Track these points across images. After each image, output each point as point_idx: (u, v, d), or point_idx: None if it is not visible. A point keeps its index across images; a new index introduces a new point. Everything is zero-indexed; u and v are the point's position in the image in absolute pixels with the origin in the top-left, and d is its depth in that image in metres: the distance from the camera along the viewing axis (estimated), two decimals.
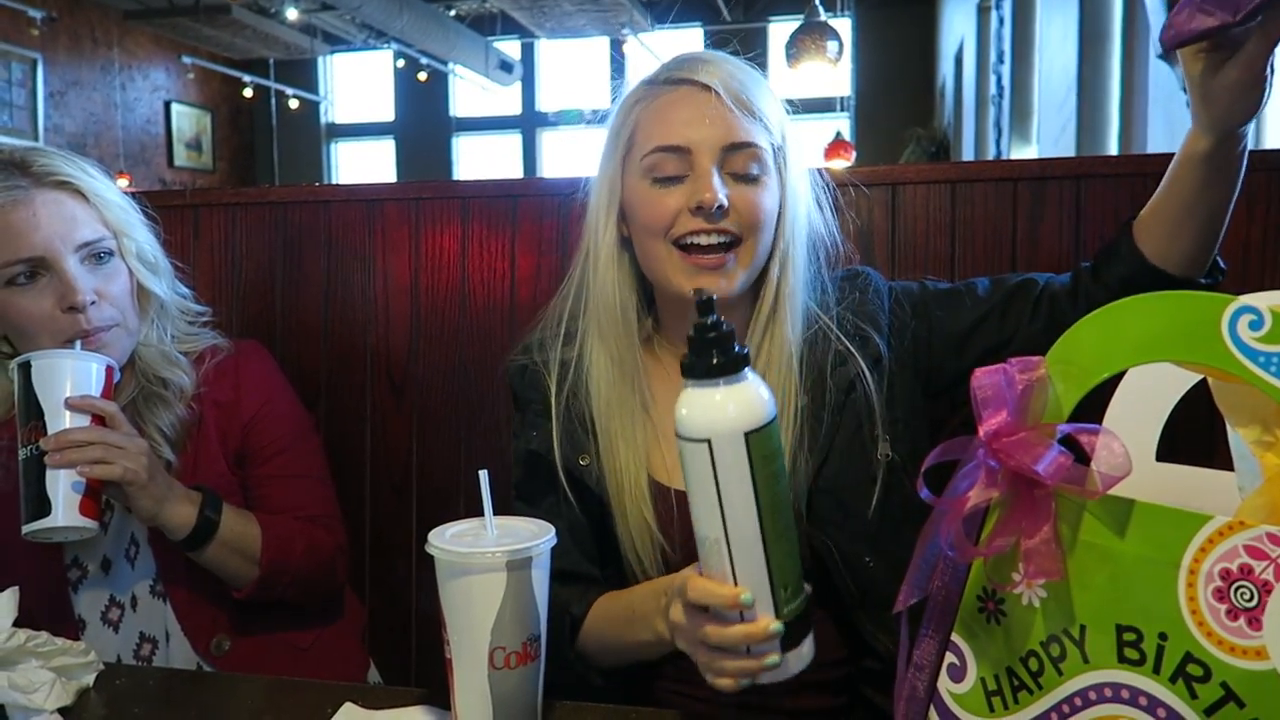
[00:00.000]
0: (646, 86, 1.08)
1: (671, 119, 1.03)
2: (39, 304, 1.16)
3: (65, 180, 1.18)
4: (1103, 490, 0.63)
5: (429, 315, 1.55)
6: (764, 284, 1.08)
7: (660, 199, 1.03)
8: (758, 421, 0.74)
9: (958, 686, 0.72)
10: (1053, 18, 5.53)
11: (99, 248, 1.19)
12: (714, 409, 0.75)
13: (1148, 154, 1.53)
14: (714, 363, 0.75)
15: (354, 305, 1.58)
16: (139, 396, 1.24)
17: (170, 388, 1.24)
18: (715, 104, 1.02)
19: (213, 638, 1.26)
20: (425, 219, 1.54)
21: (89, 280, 1.17)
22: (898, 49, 11.36)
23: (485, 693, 0.82)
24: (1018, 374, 0.68)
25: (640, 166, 1.05)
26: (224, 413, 1.27)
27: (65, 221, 1.17)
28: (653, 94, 1.06)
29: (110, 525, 1.25)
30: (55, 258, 1.15)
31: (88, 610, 1.25)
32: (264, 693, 0.99)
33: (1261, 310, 0.59)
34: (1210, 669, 0.60)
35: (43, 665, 0.93)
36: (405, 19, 9.23)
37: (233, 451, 1.28)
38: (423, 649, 1.59)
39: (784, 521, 0.77)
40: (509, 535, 0.84)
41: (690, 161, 1.02)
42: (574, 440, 1.09)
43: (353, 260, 1.57)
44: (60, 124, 10.08)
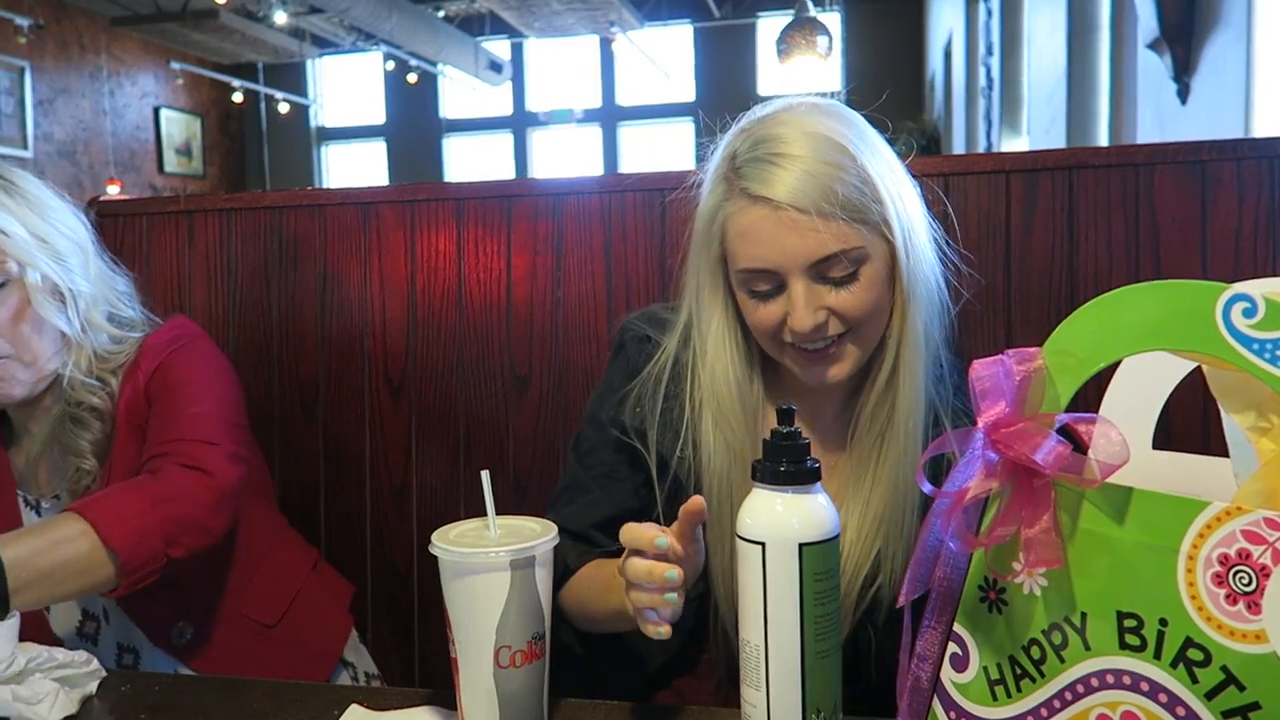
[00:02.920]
0: (726, 189, 1.02)
1: (754, 242, 0.99)
2: None
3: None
4: (1101, 478, 0.64)
5: (426, 317, 1.55)
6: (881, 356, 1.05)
7: (759, 311, 1.02)
8: (816, 536, 0.75)
9: (961, 676, 0.73)
10: (1041, 9, 5.54)
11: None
12: (775, 515, 0.76)
13: (1138, 144, 1.54)
14: (783, 470, 0.76)
15: (351, 308, 1.58)
16: (64, 419, 1.22)
17: (95, 410, 1.22)
18: (797, 222, 0.96)
19: (173, 627, 1.24)
20: (420, 221, 1.55)
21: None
22: (887, 43, 11.38)
23: (491, 692, 0.82)
24: (1015, 365, 0.69)
25: (735, 278, 1.03)
26: (131, 404, 1.22)
27: None
28: (733, 204, 1.01)
29: None
30: None
31: (62, 627, 1.26)
32: (269, 695, 0.99)
33: (1255, 297, 0.60)
34: (1210, 653, 0.60)
35: (45, 677, 0.94)
36: (394, 21, 9.22)
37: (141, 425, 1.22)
38: (426, 648, 1.59)
39: (828, 643, 0.76)
40: (512, 535, 0.85)
41: (780, 280, 0.99)
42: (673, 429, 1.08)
43: (349, 263, 1.58)
44: (49, 132, 10.05)
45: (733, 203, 1.01)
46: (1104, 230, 1.32)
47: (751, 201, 0.99)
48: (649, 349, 1.12)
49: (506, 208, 1.52)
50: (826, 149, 0.97)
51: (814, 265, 0.97)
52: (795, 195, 0.96)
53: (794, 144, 0.98)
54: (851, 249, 0.97)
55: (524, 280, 1.51)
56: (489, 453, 1.53)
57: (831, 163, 0.97)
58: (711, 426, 1.06)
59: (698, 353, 1.08)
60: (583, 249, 1.49)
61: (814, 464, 0.77)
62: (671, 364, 1.10)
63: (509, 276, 1.52)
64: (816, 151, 0.97)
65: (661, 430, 1.09)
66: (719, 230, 1.03)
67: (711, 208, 1.04)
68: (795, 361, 1.03)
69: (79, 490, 1.22)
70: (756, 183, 0.98)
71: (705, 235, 1.05)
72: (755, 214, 0.98)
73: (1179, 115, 3.08)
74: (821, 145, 0.98)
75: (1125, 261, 1.32)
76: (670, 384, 1.10)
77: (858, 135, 1.01)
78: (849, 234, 0.97)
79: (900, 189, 1.02)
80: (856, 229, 0.97)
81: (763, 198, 0.97)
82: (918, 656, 0.75)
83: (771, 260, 0.98)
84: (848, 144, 0.99)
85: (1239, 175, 1.28)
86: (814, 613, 0.75)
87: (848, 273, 0.98)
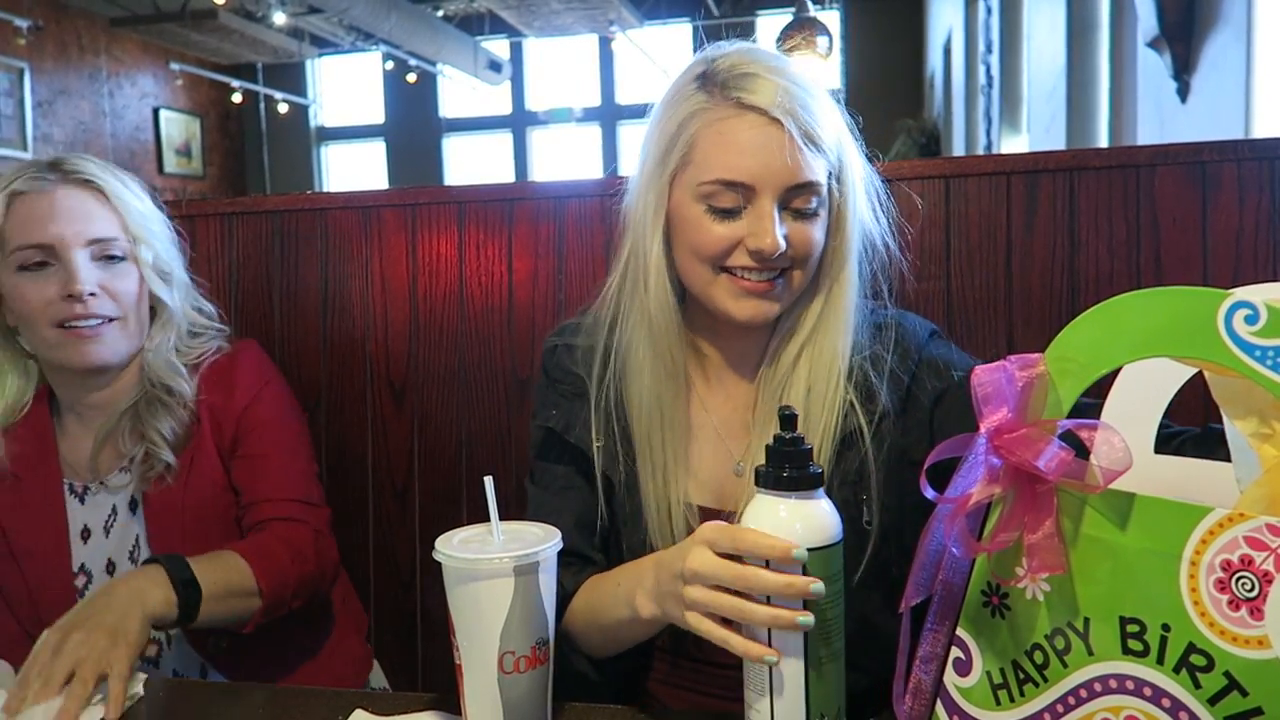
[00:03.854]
0: (707, 97, 0.98)
1: (737, 151, 0.96)
2: (43, 291, 1.20)
3: (89, 180, 1.25)
4: (1104, 484, 0.64)
5: (428, 320, 1.55)
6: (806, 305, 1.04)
7: (714, 229, 0.98)
8: (821, 541, 0.74)
9: (964, 680, 0.73)
10: (1040, 7, 5.54)
11: (111, 247, 1.24)
12: (778, 520, 0.75)
13: (1138, 145, 1.54)
14: (785, 475, 0.76)
15: (352, 312, 1.58)
16: (141, 401, 1.27)
17: (174, 395, 1.27)
18: (783, 140, 0.95)
19: (209, 636, 1.26)
20: (422, 224, 1.55)
21: (94, 274, 1.22)
22: (886, 41, 11.37)
23: (495, 697, 0.82)
24: (1017, 371, 0.69)
25: (695, 190, 0.99)
26: (217, 413, 1.29)
27: (81, 216, 1.22)
28: (715, 111, 0.98)
29: (113, 530, 1.27)
30: (64, 248, 1.20)
31: None
32: (274, 700, 0.99)
33: (1257, 305, 0.60)
34: (1213, 659, 0.61)
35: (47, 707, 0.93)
36: (393, 20, 9.21)
37: (226, 447, 1.30)
38: (429, 653, 1.59)
39: (832, 649, 0.75)
40: (516, 540, 0.85)
41: (750, 197, 0.97)
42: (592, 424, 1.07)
43: (350, 267, 1.58)
44: (49, 133, 10.04)
45: (715, 110, 0.97)
46: (1105, 231, 1.33)
47: (740, 110, 0.96)
48: (561, 353, 1.12)
49: (508, 210, 1.52)
50: (806, 78, 0.98)
51: (789, 189, 0.96)
52: (788, 112, 0.95)
53: (778, 66, 0.98)
54: (819, 183, 0.98)
55: (525, 283, 1.52)
56: (491, 456, 1.53)
57: (813, 92, 0.98)
58: (646, 354, 1.04)
59: (636, 280, 1.04)
60: (584, 251, 1.49)
61: (816, 470, 0.77)
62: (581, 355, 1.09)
63: (510, 279, 1.52)
64: (799, 79, 0.98)
65: (580, 427, 1.07)
66: (687, 140, 0.99)
67: (680, 118, 0.99)
68: (731, 292, 1.00)
69: (149, 478, 1.26)
70: (749, 91, 0.96)
71: (663, 149, 1.00)
72: (745, 120, 0.96)
73: (1179, 113, 3.08)
74: (801, 74, 0.98)
75: (1126, 263, 1.32)
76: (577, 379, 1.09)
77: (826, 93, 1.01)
78: (821, 168, 0.97)
79: (849, 142, 1.03)
80: (824, 172, 0.98)
81: (756, 107, 0.95)
82: (921, 659, 0.75)
83: (752, 173, 0.95)
84: (822, 90, 1.00)
85: (1240, 176, 1.28)
86: (819, 618, 0.74)
87: (809, 207, 0.98)
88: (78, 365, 1.23)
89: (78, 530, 1.27)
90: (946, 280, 1.37)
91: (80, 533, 1.27)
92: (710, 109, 0.98)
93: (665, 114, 1.02)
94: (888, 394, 1.03)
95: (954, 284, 1.37)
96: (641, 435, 1.05)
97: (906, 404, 1.04)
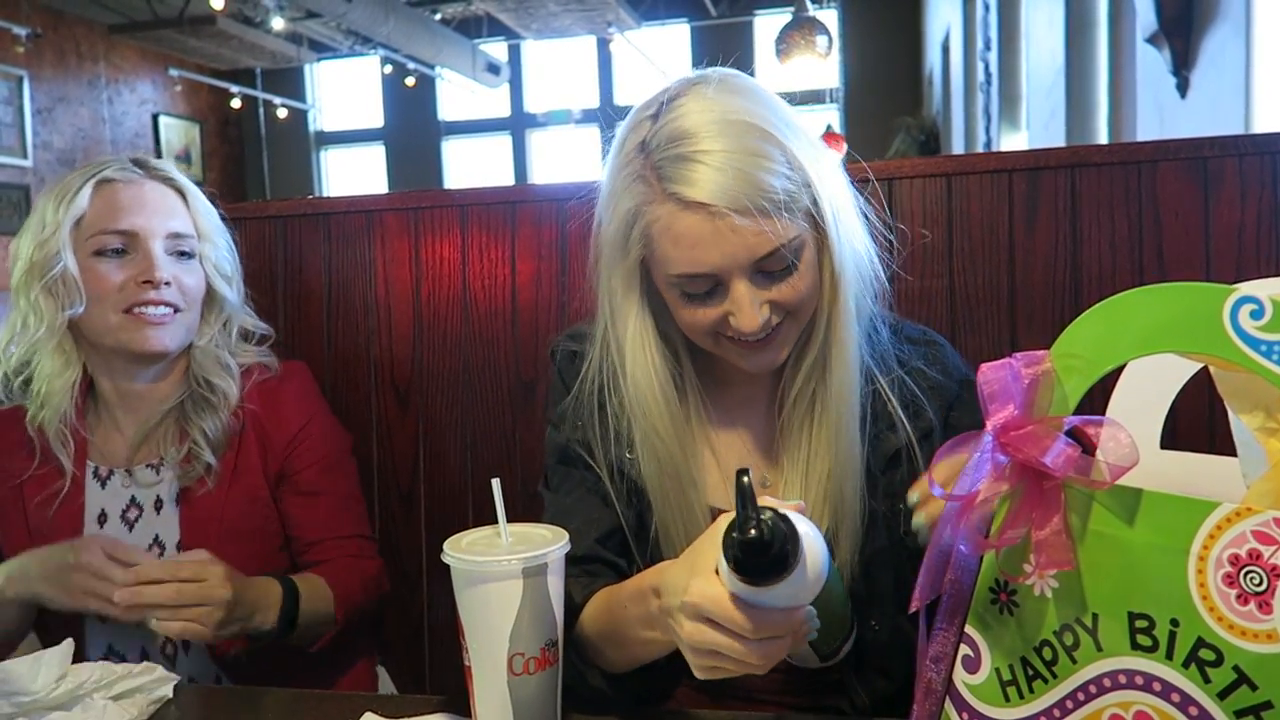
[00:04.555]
0: (647, 189, 0.95)
1: (690, 246, 0.93)
2: (118, 275, 1.25)
3: (172, 178, 1.33)
4: (1111, 480, 0.64)
5: (431, 323, 1.56)
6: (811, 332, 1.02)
7: (695, 314, 0.97)
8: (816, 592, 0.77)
9: (973, 678, 0.73)
10: (1038, 3, 5.54)
11: (184, 244, 1.30)
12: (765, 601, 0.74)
13: (1139, 142, 1.54)
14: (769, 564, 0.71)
15: (356, 316, 1.58)
16: (188, 399, 1.31)
17: (217, 393, 1.31)
18: (737, 223, 0.91)
19: (232, 647, 1.27)
20: (425, 228, 1.55)
21: (169, 265, 1.27)
22: (885, 39, 11.36)
23: (505, 699, 0.83)
24: (1023, 368, 0.69)
25: (665, 279, 0.98)
26: (266, 431, 1.33)
27: (165, 209, 1.29)
28: (660, 208, 0.94)
29: (137, 525, 1.28)
30: (146, 236, 1.26)
31: None
32: (284, 705, 0.99)
33: (1262, 299, 0.60)
34: (1222, 653, 0.61)
35: (105, 695, 0.95)
36: (391, 24, 9.22)
37: (274, 471, 1.33)
38: (436, 656, 1.60)
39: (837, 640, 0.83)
40: (524, 542, 0.85)
41: (720, 280, 0.95)
42: (620, 435, 1.05)
43: (353, 272, 1.58)
44: (49, 140, 10.05)
45: (659, 206, 0.94)
46: (1107, 228, 1.33)
47: (683, 206, 0.92)
48: (578, 365, 1.10)
49: (510, 213, 1.52)
50: (750, 137, 0.91)
51: (756, 262, 0.93)
52: (731, 197, 0.90)
53: (716, 137, 0.91)
54: (790, 240, 0.93)
55: (528, 285, 1.52)
56: (497, 458, 1.54)
57: (759, 153, 0.91)
58: (640, 439, 1.03)
59: (617, 363, 1.04)
60: (587, 254, 1.48)
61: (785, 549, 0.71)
62: (599, 372, 1.07)
63: (513, 282, 1.52)
64: (742, 143, 0.91)
65: (604, 439, 1.06)
66: (641, 234, 0.96)
67: (629, 211, 0.96)
68: (736, 354, 1.00)
69: (191, 477, 1.29)
70: (685, 185, 0.91)
71: (621, 239, 0.98)
72: (689, 219, 0.92)
73: (1179, 109, 3.08)
74: (744, 134, 0.91)
75: (1129, 259, 1.32)
76: (601, 392, 1.07)
77: (775, 115, 0.94)
78: (786, 226, 0.92)
79: (821, 167, 0.97)
80: (792, 219, 0.93)
81: (696, 202, 0.91)
82: (930, 658, 0.75)
83: (712, 264, 0.93)
84: (770, 128, 0.93)
85: (1241, 171, 1.29)
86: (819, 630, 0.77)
87: (786, 265, 0.95)
88: (139, 349, 1.25)
89: (94, 514, 1.28)
90: (949, 278, 1.37)
91: (97, 516, 1.28)
92: (655, 204, 0.94)
93: (616, 193, 0.98)
94: (933, 411, 1.02)
95: (957, 282, 1.37)
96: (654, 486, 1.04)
97: (947, 420, 1.04)
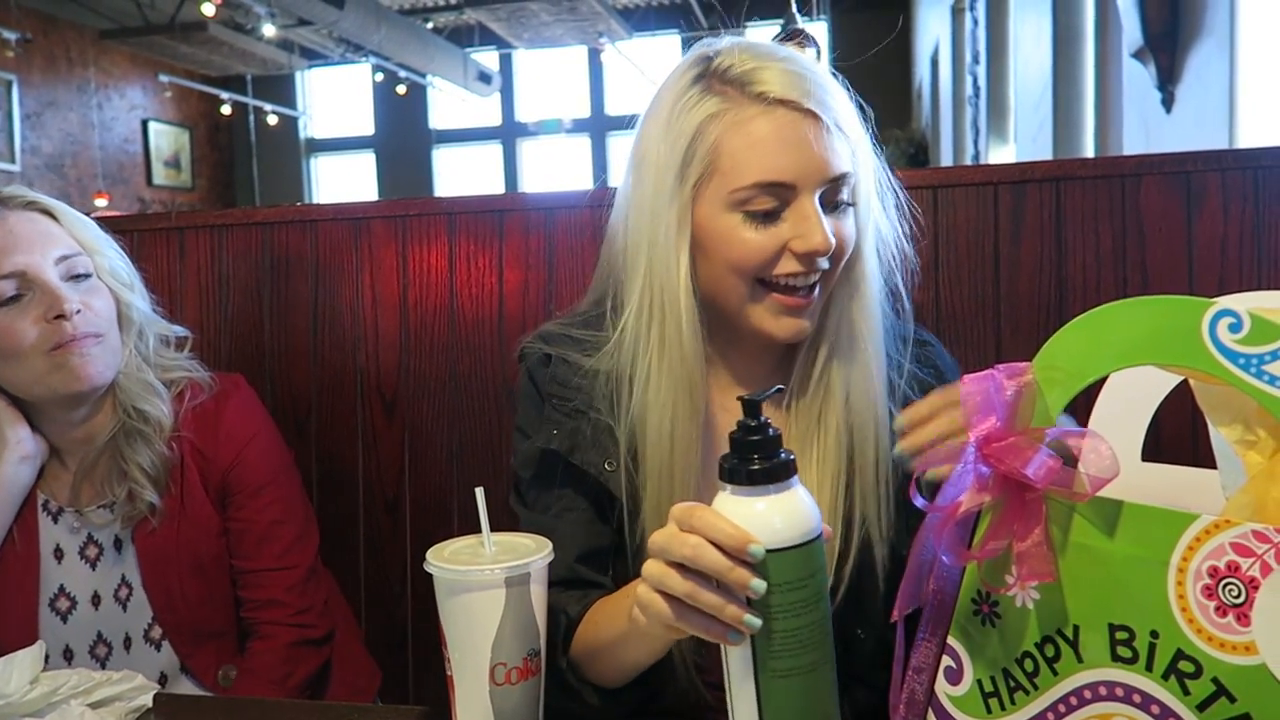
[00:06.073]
0: (721, 98, 0.92)
1: (771, 150, 0.90)
2: (23, 321, 1.15)
3: (33, 201, 1.21)
4: (1092, 492, 0.65)
5: (418, 332, 1.56)
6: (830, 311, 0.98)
7: (754, 238, 0.92)
8: (776, 542, 0.68)
9: (955, 689, 0.73)
10: (1026, 18, 5.58)
11: (76, 265, 1.20)
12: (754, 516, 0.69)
13: (1124, 156, 1.56)
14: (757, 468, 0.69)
15: (343, 324, 1.58)
16: (119, 433, 1.23)
17: (150, 422, 1.23)
18: (817, 131, 0.89)
19: (219, 669, 1.26)
20: (412, 236, 1.55)
21: (72, 292, 1.18)
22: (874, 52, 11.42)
23: (487, 709, 0.82)
24: (1005, 380, 0.69)
25: (727, 199, 0.92)
26: (203, 459, 1.26)
27: (40, 236, 1.19)
28: (738, 111, 0.91)
29: (99, 564, 1.25)
30: (36, 271, 1.16)
31: (77, 641, 1.25)
32: (266, 714, 0.99)
33: (1240, 313, 0.61)
34: (1201, 665, 0.61)
35: (82, 702, 0.93)
36: (382, 32, 9.23)
37: (214, 495, 1.27)
38: (419, 665, 1.59)
39: (792, 662, 0.68)
40: (507, 551, 0.85)
41: (789, 197, 0.91)
42: (599, 445, 1.00)
43: (341, 279, 1.58)
44: (37, 145, 10.01)
45: (737, 110, 0.91)
46: (1091, 240, 1.34)
47: (767, 106, 0.89)
48: (557, 364, 1.03)
49: (498, 222, 1.52)
50: (818, 67, 0.92)
51: (828, 183, 0.91)
52: (817, 100, 0.89)
53: (806, 65, 0.91)
54: (851, 174, 0.92)
55: (516, 294, 1.52)
56: (482, 468, 1.53)
57: (835, 80, 0.92)
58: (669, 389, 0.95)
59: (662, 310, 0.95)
60: (574, 263, 1.49)
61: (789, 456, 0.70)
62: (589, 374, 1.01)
63: (501, 291, 1.52)
64: (823, 70, 0.92)
65: (585, 448, 1.00)
66: (710, 147, 0.91)
67: (693, 124, 0.92)
68: (772, 310, 0.94)
69: (134, 518, 1.23)
70: (769, 85, 0.89)
71: (679, 161, 0.93)
72: (774, 118, 0.89)
73: (1164, 124, 3.10)
74: (812, 63, 0.92)
75: (1113, 271, 1.33)
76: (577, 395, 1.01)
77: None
78: (849, 157, 0.92)
79: (863, 129, 0.97)
80: (851, 156, 0.93)
81: (784, 100, 0.89)
82: (913, 669, 0.75)
83: (792, 171, 0.89)
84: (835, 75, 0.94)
85: (1224, 186, 1.30)
86: (767, 626, 0.68)
87: (845, 199, 0.93)
88: (72, 390, 1.17)
89: (49, 548, 1.25)
90: (935, 289, 1.38)
91: (53, 551, 1.25)
92: (730, 110, 0.91)
93: (669, 124, 0.94)
94: None
95: (943, 293, 1.38)
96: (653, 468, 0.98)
97: None
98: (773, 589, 0.68)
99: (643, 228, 0.97)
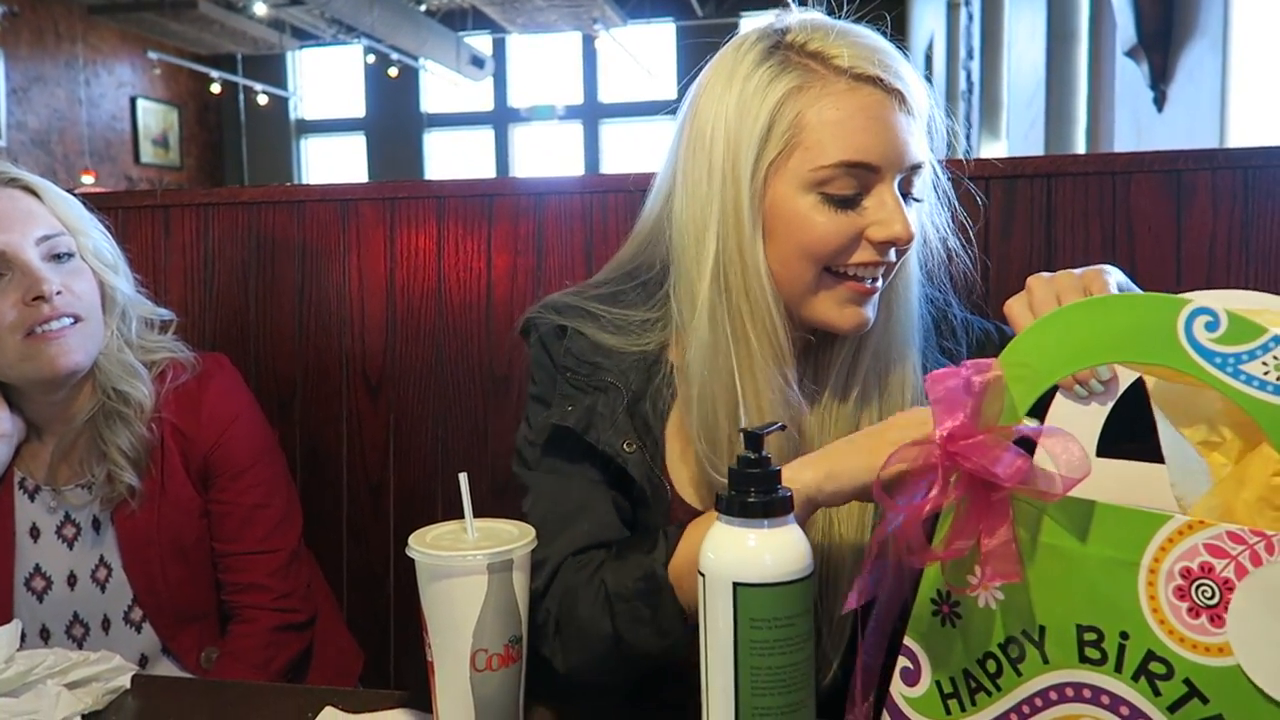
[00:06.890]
0: (803, 72, 0.87)
1: (859, 128, 0.86)
2: (2, 302, 1.13)
3: (15, 178, 1.18)
4: (1062, 492, 0.63)
5: (405, 315, 1.55)
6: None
7: (830, 222, 0.87)
8: (764, 578, 0.66)
9: (912, 690, 0.71)
10: (1021, 14, 5.58)
11: (58, 245, 1.17)
12: (746, 553, 0.67)
13: (1115, 153, 1.56)
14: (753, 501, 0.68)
15: (329, 306, 1.57)
16: (99, 414, 1.21)
17: (131, 404, 1.21)
18: (901, 114, 0.86)
19: (201, 651, 1.26)
20: (400, 219, 1.54)
21: (53, 273, 1.15)
22: None
23: (467, 695, 0.82)
24: (973, 376, 0.67)
25: (805, 178, 0.87)
26: (185, 439, 1.25)
27: (21, 215, 1.15)
28: (825, 86, 0.87)
29: (76, 544, 1.24)
30: (16, 250, 1.14)
31: (53, 622, 1.25)
32: (244, 697, 0.99)
33: (1217, 311, 0.60)
34: (1173, 666, 0.61)
35: (59, 682, 0.92)
36: (375, 14, 9.17)
37: (196, 476, 1.26)
38: (401, 650, 1.59)
39: (773, 701, 0.66)
40: (490, 538, 0.85)
41: (870, 182, 0.87)
42: (617, 424, 0.95)
43: (327, 261, 1.57)
44: (23, 120, 9.92)
45: (824, 85, 0.87)
46: (1081, 237, 1.34)
47: (854, 82, 0.86)
48: (573, 337, 0.99)
49: (487, 206, 1.51)
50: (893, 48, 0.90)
51: (908, 170, 0.88)
52: (905, 81, 0.86)
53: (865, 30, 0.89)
54: (922, 166, 0.90)
55: (504, 279, 1.51)
56: (467, 453, 1.53)
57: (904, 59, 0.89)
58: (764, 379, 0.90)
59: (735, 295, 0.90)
60: (564, 249, 1.49)
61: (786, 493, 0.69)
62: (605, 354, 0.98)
63: (489, 275, 1.52)
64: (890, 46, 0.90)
65: (603, 427, 0.96)
66: (791, 122, 0.87)
67: (774, 97, 0.87)
68: (837, 299, 0.90)
69: (113, 500, 1.22)
70: (860, 59, 0.86)
71: (756, 136, 0.88)
72: (861, 95, 0.86)
73: (1155, 122, 3.11)
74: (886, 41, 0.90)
75: None
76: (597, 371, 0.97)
77: None
78: (923, 146, 0.89)
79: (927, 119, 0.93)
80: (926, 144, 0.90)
81: (872, 77, 0.86)
82: (865, 669, 0.73)
83: (878, 152, 0.86)
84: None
85: (1214, 185, 1.30)
86: (749, 663, 0.66)
87: (917, 191, 0.90)
88: (49, 374, 1.15)
89: (25, 526, 1.24)
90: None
91: (29, 529, 1.24)
92: (815, 84, 0.87)
93: (742, 99, 0.89)
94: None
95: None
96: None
97: None
98: (758, 624, 0.66)
99: (710, 210, 0.91)
